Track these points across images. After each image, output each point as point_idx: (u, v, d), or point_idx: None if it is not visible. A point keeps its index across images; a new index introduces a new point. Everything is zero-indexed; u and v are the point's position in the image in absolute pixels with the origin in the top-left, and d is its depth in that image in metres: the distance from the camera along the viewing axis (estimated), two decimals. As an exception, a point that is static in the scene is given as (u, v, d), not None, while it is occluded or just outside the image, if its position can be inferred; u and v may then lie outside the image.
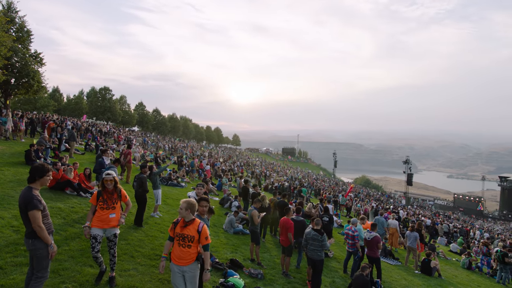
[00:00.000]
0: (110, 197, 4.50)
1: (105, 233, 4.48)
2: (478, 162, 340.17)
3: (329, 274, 7.91)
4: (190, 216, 3.82)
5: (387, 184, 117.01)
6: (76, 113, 49.51)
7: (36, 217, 3.30)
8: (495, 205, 72.40)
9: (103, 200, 4.46)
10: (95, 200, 4.47)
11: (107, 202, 4.47)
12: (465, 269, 13.21)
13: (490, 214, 63.07)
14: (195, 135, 78.59)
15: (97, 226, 4.40)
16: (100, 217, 4.41)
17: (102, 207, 4.43)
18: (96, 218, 4.42)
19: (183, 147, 41.17)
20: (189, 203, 3.85)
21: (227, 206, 13.13)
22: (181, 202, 3.85)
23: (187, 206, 3.81)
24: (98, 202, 4.45)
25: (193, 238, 3.73)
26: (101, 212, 4.42)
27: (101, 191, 4.51)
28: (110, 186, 4.52)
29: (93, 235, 4.38)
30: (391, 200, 51.18)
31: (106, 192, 4.50)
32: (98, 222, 4.41)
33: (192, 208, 3.85)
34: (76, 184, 8.96)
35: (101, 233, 4.43)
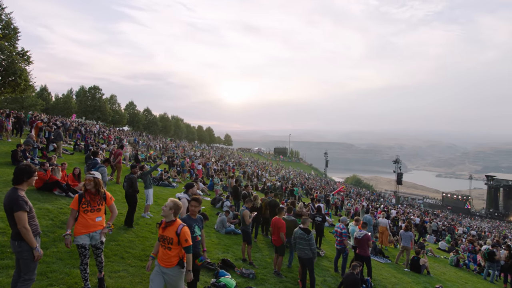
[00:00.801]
0: (93, 199, 4.14)
1: (91, 241, 4.14)
2: (466, 161, 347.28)
3: (321, 273, 7.96)
4: (171, 217, 3.70)
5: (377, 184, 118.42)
6: (65, 113, 48.64)
7: (21, 219, 3.23)
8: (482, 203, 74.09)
9: (86, 202, 4.09)
10: (76, 204, 4.06)
11: (90, 203, 4.10)
12: (453, 266, 13.48)
13: (477, 212, 64.55)
14: (187, 135, 78.10)
15: (83, 232, 4.04)
16: (84, 222, 4.04)
17: (86, 209, 4.08)
18: (80, 224, 4.04)
19: (174, 147, 40.87)
20: (175, 204, 3.74)
21: (218, 206, 13.09)
22: (169, 200, 3.77)
23: (172, 206, 3.71)
24: (81, 205, 4.06)
25: (172, 240, 3.60)
26: (85, 216, 4.05)
27: (83, 193, 4.15)
28: (89, 186, 4.13)
29: (81, 244, 4.03)
30: (381, 199, 51.83)
31: (88, 193, 4.15)
32: (83, 227, 4.04)
33: (176, 209, 3.73)
34: (65, 185, 8.80)
35: (88, 241, 4.09)
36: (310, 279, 6.37)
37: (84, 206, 4.07)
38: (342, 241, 8.37)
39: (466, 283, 10.80)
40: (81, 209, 4.06)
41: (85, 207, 4.07)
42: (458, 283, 10.53)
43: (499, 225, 49.08)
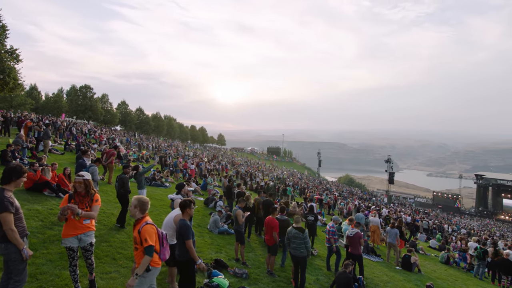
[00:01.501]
0: (82, 201, 4.05)
1: (80, 243, 4.05)
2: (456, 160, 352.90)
3: (313, 272, 8.01)
4: (137, 215, 3.57)
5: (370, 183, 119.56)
6: (55, 112, 47.93)
7: (7, 220, 3.17)
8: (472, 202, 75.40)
9: (75, 203, 4.00)
10: (65, 204, 3.98)
11: (79, 205, 4.00)
12: (443, 264, 13.69)
13: (467, 211, 65.63)
14: (180, 134, 77.70)
15: (71, 234, 3.96)
16: (73, 224, 3.96)
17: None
18: (68, 226, 3.96)
19: (167, 146, 40.61)
20: (140, 200, 3.62)
21: (211, 206, 13.05)
22: (133, 198, 3.67)
23: (137, 203, 3.58)
24: None
25: (136, 239, 3.50)
26: (72, 219, 3.97)
27: (73, 194, 4.07)
28: (80, 188, 4.05)
29: (69, 247, 3.96)
30: (373, 198, 52.34)
31: (78, 195, 4.06)
32: (71, 229, 3.96)
33: (141, 205, 3.59)
34: (55, 185, 8.68)
35: (76, 243, 4.01)
36: (300, 278, 6.41)
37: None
38: (330, 239, 8.48)
39: (456, 280, 10.98)
40: None
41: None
42: (448, 280, 10.69)
43: (488, 223, 50.00)
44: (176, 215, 4.86)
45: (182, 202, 4.52)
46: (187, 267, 4.36)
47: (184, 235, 4.27)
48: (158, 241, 3.57)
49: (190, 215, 4.51)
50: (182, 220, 4.41)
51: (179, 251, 4.37)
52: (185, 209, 4.45)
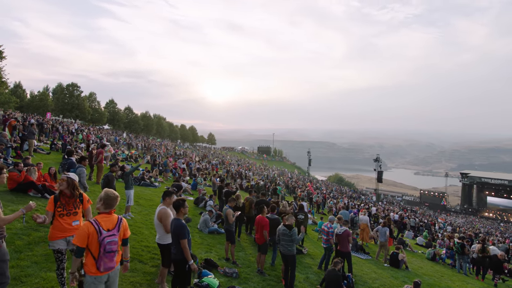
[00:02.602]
0: (68, 202, 3.91)
1: (69, 245, 3.90)
2: (442, 159, 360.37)
3: (303, 270, 8.06)
4: (101, 209, 3.37)
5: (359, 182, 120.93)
6: (40, 110, 46.83)
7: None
8: (457, 199, 77.17)
9: (62, 205, 3.86)
10: (52, 206, 3.82)
11: (65, 207, 3.87)
12: (429, 261, 13.98)
13: (452, 208, 67.19)
14: (169, 133, 77.05)
15: (59, 237, 3.82)
16: (60, 226, 3.82)
17: (62, 213, 3.85)
18: (56, 228, 3.82)
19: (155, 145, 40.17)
20: (107, 194, 3.39)
21: (202, 206, 12.99)
22: (102, 192, 3.50)
23: (103, 196, 3.38)
24: (56, 209, 3.83)
25: None
26: (61, 220, 3.82)
27: (58, 196, 3.91)
28: (62, 186, 3.90)
29: (57, 249, 3.84)
30: (362, 197, 53.01)
31: (63, 196, 3.91)
32: (59, 232, 3.82)
33: (106, 200, 3.36)
34: (40, 186, 8.48)
35: (64, 245, 3.88)
36: (290, 276, 6.44)
37: (60, 209, 3.85)
38: (329, 240, 8.49)
39: (442, 276, 11.23)
40: (57, 212, 3.84)
41: (60, 211, 3.84)
42: (434, 276, 10.93)
43: (473, 220, 51.33)
44: (158, 212, 4.88)
45: (175, 202, 4.54)
46: (182, 266, 4.38)
47: (179, 234, 4.30)
48: (97, 245, 3.16)
49: (184, 214, 4.54)
50: (176, 220, 4.44)
51: (174, 250, 4.41)
52: (179, 209, 4.47)
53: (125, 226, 3.47)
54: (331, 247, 8.51)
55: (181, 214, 4.48)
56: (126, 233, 3.49)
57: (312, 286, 7.18)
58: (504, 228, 45.89)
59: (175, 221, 4.41)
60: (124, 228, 3.45)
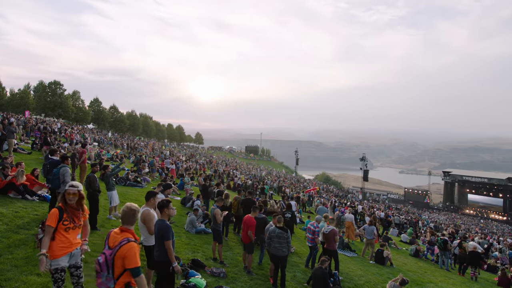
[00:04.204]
0: (76, 214, 3.63)
1: (71, 259, 3.60)
2: (425, 158, 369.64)
3: (291, 269, 8.11)
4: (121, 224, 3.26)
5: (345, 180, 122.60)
6: (21, 109, 45.30)
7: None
8: (440, 197, 79.30)
9: (69, 218, 3.53)
10: (55, 221, 3.42)
11: (73, 220, 3.57)
12: (413, 257, 14.33)
13: (435, 206, 69.02)
14: (156, 133, 76.00)
15: (63, 253, 3.47)
16: (65, 241, 3.49)
17: (68, 227, 3.51)
18: (59, 244, 3.45)
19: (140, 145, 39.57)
20: (124, 206, 3.30)
21: (189, 206, 12.89)
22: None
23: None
24: (62, 222, 3.47)
25: None
26: (66, 235, 3.50)
27: (65, 208, 3.56)
28: (73, 201, 3.60)
29: (60, 268, 3.44)
30: (349, 195, 53.79)
31: (70, 207, 3.59)
32: (63, 248, 3.47)
33: (122, 214, 3.27)
34: (21, 187, 8.21)
35: (67, 262, 3.55)
36: (281, 276, 6.48)
37: (66, 223, 3.50)
38: (314, 239, 8.59)
39: (425, 272, 11.54)
40: (62, 226, 3.47)
41: (67, 224, 3.51)
42: (418, 272, 11.22)
43: (455, 217, 52.88)
44: (141, 213, 4.79)
45: (159, 202, 4.46)
46: (165, 267, 4.31)
47: (163, 235, 4.21)
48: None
49: (169, 215, 4.47)
50: (161, 221, 4.37)
51: (158, 251, 4.31)
52: (162, 209, 4.39)
53: (122, 252, 2.92)
54: (316, 246, 8.60)
55: (165, 215, 4.41)
56: (125, 262, 2.92)
57: (299, 284, 7.24)
58: (484, 224, 47.50)
59: (159, 222, 4.35)
60: (121, 255, 2.92)
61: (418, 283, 9.62)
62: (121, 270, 2.92)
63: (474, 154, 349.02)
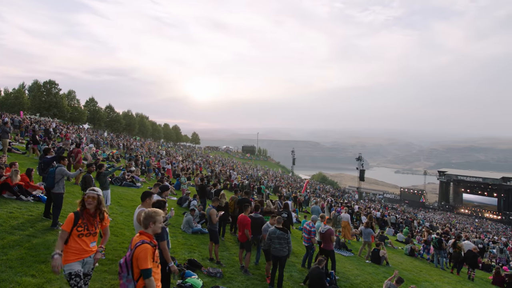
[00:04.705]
0: (92, 221, 3.56)
1: (84, 267, 3.53)
2: (421, 158, 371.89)
3: (287, 268, 8.11)
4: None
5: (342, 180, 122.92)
6: (15, 109, 44.96)
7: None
8: (435, 197, 79.78)
9: (83, 224, 3.47)
10: (70, 226, 3.38)
11: (88, 226, 3.50)
12: (408, 256, 14.42)
13: (430, 205, 69.50)
14: (152, 133, 75.67)
15: (77, 259, 3.43)
16: (78, 248, 3.42)
17: (82, 233, 3.45)
18: (72, 250, 3.40)
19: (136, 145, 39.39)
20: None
21: (185, 206, 12.86)
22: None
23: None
24: (76, 228, 3.41)
25: None
26: (79, 241, 3.43)
27: (79, 213, 3.51)
28: (92, 205, 3.56)
29: (75, 272, 3.36)
30: (345, 195, 53.99)
31: (86, 213, 3.54)
32: (76, 254, 3.42)
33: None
34: (16, 187, 8.14)
35: (81, 267, 3.46)
36: (279, 276, 6.48)
37: (80, 229, 3.45)
38: (310, 238, 8.60)
39: (421, 271, 11.62)
40: (76, 232, 3.41)
41: (81, 230, 3.45)
42: (413, 271, 11.29)
43: (450, 217, 53.30)
44: (137, 213, 4.77)
45: (155, 203, 4.43)
46: (162, 267, 4.29)
47: (158, 236, 4.18)
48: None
49: (164, 215, 4.43)
50: None
51: None
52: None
53: (136, 253, 2.96)
54: (312, 245, 8.62)
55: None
56: (137, 263, 2.95)
57: (295, 284, 7.26)
58: (479, 224, 47.94)
59: None
60: (135, 256, 2.96)
61: (413, 282, 9.68)
62: (139, 272, 2.97)
63: (469, 154, 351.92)
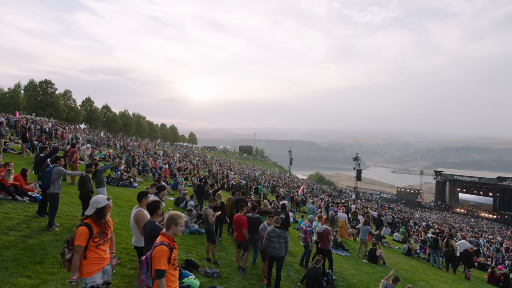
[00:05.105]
0: (105, 228, 3.52)
1: (104, 276, 3.47)
2: (417, 158, 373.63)
3: (284, 268, 8.11)
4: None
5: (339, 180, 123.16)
6: (11, 108, 44.66)
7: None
8: (431, 196, 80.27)
9: (99, 233, 3.39)
10: (85, 239, 3.25)
11: (103, 235, 3.44)
12: (405, 255, 14.49)
13: (427, 205, 69.88)
14: (149, 133, 75.43)
15: (99, 269, 3.37)
16: (98, 257, 3.36)
17: (99, 243, 3.38)
18: (93, 261, 3.32)
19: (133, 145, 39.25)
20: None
21: (182, 206, 12.83)
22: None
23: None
24: (93, 240, 3.32)
25: None
26: (97, 251, 3.36)
27: (93, 223, 3.41)
28: (108, 214, 3.56)
29: (96, 285, 3.30)
30: (342, 195, 54.14)
31: (103, 223, 3.50)
32: (98, 264, 3.36)
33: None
34: (12, 188, 8.08)
35: (101, 279, 3.41)
36: (276, 276, 6.48)
37: (97, 239, 3.37)
38: (306, 238, 8.64)
39: (417, 270, 11.68)
40: (93, 243, 3.33)
41: (97, 241, 3.37)
42: (410, 271, 11.35)
43: (446, 216, 53.61)
44: (134, 214, 4.76)
45: (150, 204, 4.40)
46: None
47: (153, 237, 4.14)
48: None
49: (159, 215, 4.42)
50: (151, 222, 4.30)
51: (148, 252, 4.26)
52: (155, 211, 4.34)
53: (153, 253, 3.06)
54: (309, 245, 8.65)
55: (157, 217, 4.35)
56: (154, 262, 3.03)
57: (293, 283, 7.26)
58: (474, 223, 48.26)
59: (150, 223, 4.27)
60: (152, 255, 3.06)
61: (410, 281, 9.72)
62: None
63: (465, 154, 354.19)
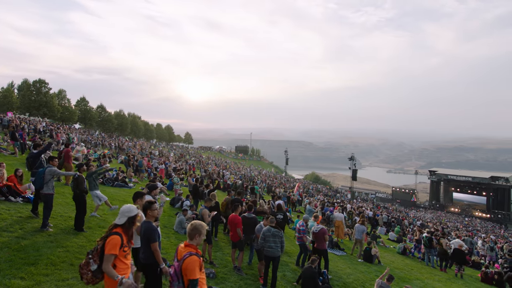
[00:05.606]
0: (131, 236, 3.56)
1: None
2: (412, 158, 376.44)
3: (280, 268, 8.11)
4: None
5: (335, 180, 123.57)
6: (4, 108, 44.12)
7: None
8: (426, 196, 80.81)
9: (127, 243, 3.43)
10: (118, 248, 3.27)
11: (129, 243, 3.49)
12: (400, 255, 14.59)
13: (421, 204, 70.42)
14: (145, 133, 75.03)
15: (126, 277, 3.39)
16: (125, 266, 3.40)
17: (127, 253, 3.43)
18: (121, 271, 3.33)
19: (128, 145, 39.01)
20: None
21: (178, 206, 12.78)
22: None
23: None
24: (122, 249, 3.33)
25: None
26: (125, 261, 3.39)
27: (123, 232, 3.41)
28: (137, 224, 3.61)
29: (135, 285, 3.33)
30: (338, 194, 54.32)
31: (131, 232, 3.52)
32: (124, 274, 3.36)
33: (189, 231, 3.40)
34: (5, 188, 7.99)
35: None
36: (272, 277, 6.48)
37: (126, 248, 3.40)
38: (301, 237, 8.66)
39: (412, 269, 11.76)
40: (122, 253, 3.33)
41: (126, 250, 3.41)
42: (405, 270, 11.43)
43: (440, 215, 54.07)
44: None
45: (144, 203, 4.39)
46: (153, 270, 4.25)
47: (150, 238, 4.14)
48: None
49: (153, 216, 4.39)
50: (146, 222, 4.28)
51: (144, 253, 4.24)
52: (146, 211, 4.32)
53: (185, 265, 3.13)
54: (304, 244, 8.67)
55: (150, 217, 4.33)
56: (187, 273, 3.12)
57: (289, 283, 7.28)
58: (468, 222, 48.74)
59: (145, 224, 4.26)
60: (184, 267, 3.13)
61: (405, 280, 9.80)
62: (188, 281, 3.20)
63: (459, 154, 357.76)
